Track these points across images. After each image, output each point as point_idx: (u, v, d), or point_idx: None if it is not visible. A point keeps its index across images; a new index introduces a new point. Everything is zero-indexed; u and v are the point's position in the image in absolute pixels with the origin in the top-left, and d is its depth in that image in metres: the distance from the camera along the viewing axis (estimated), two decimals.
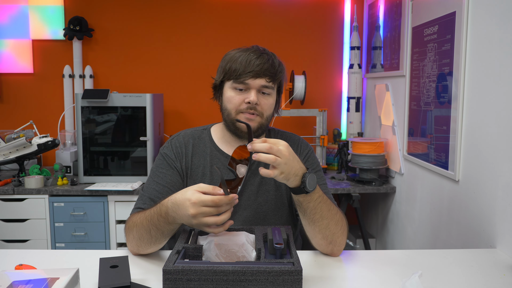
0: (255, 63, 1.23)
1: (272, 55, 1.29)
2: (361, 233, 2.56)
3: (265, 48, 1.31)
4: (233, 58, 1.27)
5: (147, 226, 1.12)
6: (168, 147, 1.36)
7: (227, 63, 1.27)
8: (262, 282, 0.94)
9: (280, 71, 1.29)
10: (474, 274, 1.15)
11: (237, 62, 1.25)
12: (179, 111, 3.08)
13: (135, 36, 3.01)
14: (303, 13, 3.04)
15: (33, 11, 2.94)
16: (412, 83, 2.11)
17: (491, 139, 1.46)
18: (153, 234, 1.12)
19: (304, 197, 1.08)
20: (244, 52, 1.27)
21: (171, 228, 1.11)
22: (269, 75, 1.25)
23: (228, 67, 1.26)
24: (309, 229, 1.16)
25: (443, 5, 1.78)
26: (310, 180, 1.05)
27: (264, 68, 1.24)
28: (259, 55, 1.25)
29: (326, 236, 1.16)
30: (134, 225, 1.17)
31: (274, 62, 1.27)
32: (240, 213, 1.30)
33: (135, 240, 1.17)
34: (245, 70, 1.23)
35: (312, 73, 3.02)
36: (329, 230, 1.15)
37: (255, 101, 1.24)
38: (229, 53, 1.31)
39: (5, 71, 2.97)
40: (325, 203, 1.13)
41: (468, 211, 1.60)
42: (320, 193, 1.11)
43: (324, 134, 2.74)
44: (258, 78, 1.24)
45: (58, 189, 2.40)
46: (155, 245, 1.17)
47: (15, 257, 1.21)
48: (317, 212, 1.11)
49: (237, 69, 1.24)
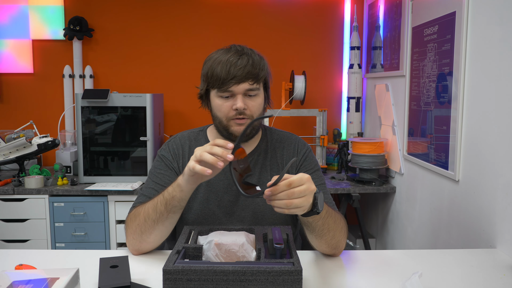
0: (235, 68, 1.20)
1: (251, 53, 1.26)
2: (361, 233, 2.56)
3: (243, 47, 1.28)
4: (213, 65, 1.24)
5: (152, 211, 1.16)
6: (165, 149, 1.37)
7: (208, 70, 1.25)
8: (262, 282, 0.94)
9: (263, 69, 1.25)
10: (474, 274, 1.15)
11: (217, 69, 1.22)
12: (179, 111, 3.08)
13: (135, 36, 3.01)
14: (303, 13, 3.04)
15: (33, 11, 2.94)
16: (412, 83, 2.11)
17: (491, 139, 1.46)
18: (159, 208, 1.15)
19: (313, 218, 1.07)
20: (223, 56, 1.24)
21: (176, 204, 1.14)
22: (251, 77, 1.22)
23: (210, 75, 1.24)
24: (316, 242, 1.17)
25: (443, 5, 1.78)
26: (320, 200, 1.02)
27: (245, 71, 1.21)
28: (239, 57, 1.22)
29: (331, 245, 1.18)
30: (134, 215, 1.20)
31: (255, 62, 1.23)
32: (238, 213, 1.31)
33: (139, 226, 1.18)
34: (227, 77, 1.21)
35: (312, 73, 3.02)
36: (335, 239, 1.17)
37: (242, 107, 1.22)
38: (209, 58, 1.28)
39: (5, 71, 2.97)
40: (331, 216, 1.12)
41: (468, 211, 1.60)
42: (326, 208, 1.11)
43: (324, 134, 2.74)
44: (241, 83, 1.21)
45: (58, 189, 2.40)
46: (160, 226, 1.17)
47: (15, 257, 1.22)
48: (325, 228, 1.11)
49: (219, 77, 1.22)
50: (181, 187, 1.13)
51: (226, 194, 1.31)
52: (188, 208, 1.32)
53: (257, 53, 1.28)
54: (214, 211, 1.30)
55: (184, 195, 1.14)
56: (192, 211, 1.31)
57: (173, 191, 1.14)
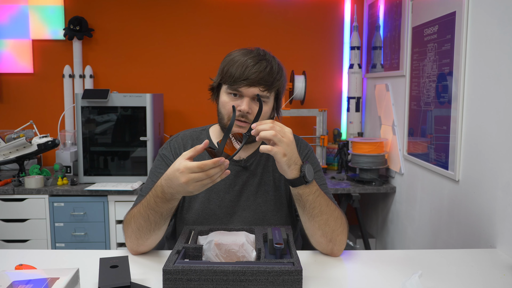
0: (251, 70, 1.19)
1: (271, 60, 1.25)
2: (361, 233, 2.56)
3: (266, 52, 1.27)
4: (231, 62, 1.24)
5: (145, 212, 1.13)
6: (166, 148, 1.36)
7: (225, 65, 1.25)
8: (262, 282, 0.94)
9: (278, 79, 1.25)
10: (474, 274, 1.15)
11: (234, 67, 1.22)
12: (179, 111, 3.08)
13: (135, 36, 3.01)
14: (303, 13, 3.04)
15: (33, 11, 2.94)
16: (412, 83, 2.11)
17: (491, 139, 1.46)
18: (152, 218, 1.13)
19: (303, 189, 1.10)
20: (243, 57, 1.23)
21: (170, 207, 1.11)
22: (264, 84, 1.21)
23: (226, 71, 1.24)
24: (309, 225, 1.16)
25: (443, 5, 1.78)
26: (308, 170, 1.09)
27: (259, 76, 1.20)
28: (257, 61, 1.21)
29: (325, 233, 1.16)
30: (131, 217, 1.19)
31: (272, 70, 1.23)
32: (239, 213, 1.30)
33: (134, 233, 1.18)
34: (240, 77, 1.20)
35: (312, 73, 3.02)
36: (329, 227, 1.16)
37: (246, 110, 1.21)
38: (230, 54, 1.28)
39: (5, 71, 2.97)
40: (323, 198, 1.15)
41: (468, 211, 1.60)
42: (318, 187, 1.15)
43: (324, 134, 2.74)
44: (252, 87, 1.20)
45: (58, 189, 2.40)
46: (155, 233, 1.17)
47: (15, 257, 1.21)
48: (316, 206, 1.13)
49: (233, 75, 1.21)
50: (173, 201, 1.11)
51: (227, 194, 1.31)
52: (189, 208, 1.32)
53: (277, 62, 1.28)
54: (215, 211, 1.30)
55: (175, 202, 1.12)
56: (193, 211, 1.31)
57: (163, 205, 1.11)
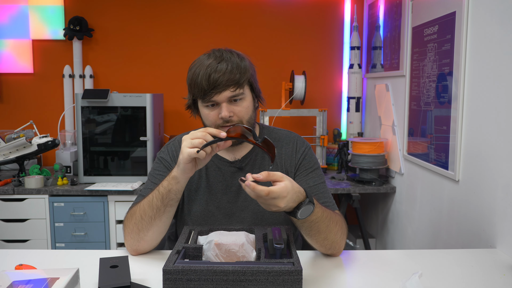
0: (214, 77, 1.18)
1: (229, 57, 1.22)
2: (361, 233, 2.56)
3: (222, 51, 1.24)
4: (194, 76, 1.22)
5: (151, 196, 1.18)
6: (164, 151, 1.38)
7: (190, 81, 1.24)
8: (262, 282, 0.94)
9: (244, 72, 1.22)
10: (474, 274, 1.15)
11: (198, 80, 1.20)
12: (179, 111, 3.08)
13: (135, 36, 3.01)
14: (303, 13, 3.04)
15: (33, 11, 2.94)
16: (412, 83, 2.11)
17: (491, 139, 1.46)
18: (155, 202, 1.17)
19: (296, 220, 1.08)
20: (202, 67, 1.21)
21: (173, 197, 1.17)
22: (232, 84, 1.19)
23: (193, 86, 1.23)
24: (307, 239, 1.18)
25: (443, 5, 1.78)
26: (302, 211, 1.03)
27: (225, 79, 1.18)
28: (217, 64, 1.19)
29: (324, 245, 1.18)
30: (131, 215, 1.20)
31: (234, 67, 1.20)
32: (238, 214, 1.31)
33: (136, 225, 1.18)
34: (208, 87, 1.19)
35: (312, 73, 3.02)
36: (327, 241, 1.16)
37: (227, 116, 1.20)
38: (190, 69, 1.26)
39: (5, 71, 2.97)
40: (323, 222, 1.11)
41: (468, 211, 1.60)
42: (318, 215, 1.09)
43: (324, 134, 2.74)
44: (223, 92, 1.19)
45: (58, 189, 2.40)
46: (156, 224, 1.18)
47: (15, 257, 1.22)
48: (313, 230, 1.12)
49: (201, 88, 1.20)
50: (177, 179, 1.14)
51: (224, 195, 1.31)
52: (188, 210, 1.32)
53: (236, 54, 1.25)
54: (214, 212, 1.30)
55: (180, 186, 1.16)
56: (191, 213, 1.31)
57: (168, 185, 1.16)
